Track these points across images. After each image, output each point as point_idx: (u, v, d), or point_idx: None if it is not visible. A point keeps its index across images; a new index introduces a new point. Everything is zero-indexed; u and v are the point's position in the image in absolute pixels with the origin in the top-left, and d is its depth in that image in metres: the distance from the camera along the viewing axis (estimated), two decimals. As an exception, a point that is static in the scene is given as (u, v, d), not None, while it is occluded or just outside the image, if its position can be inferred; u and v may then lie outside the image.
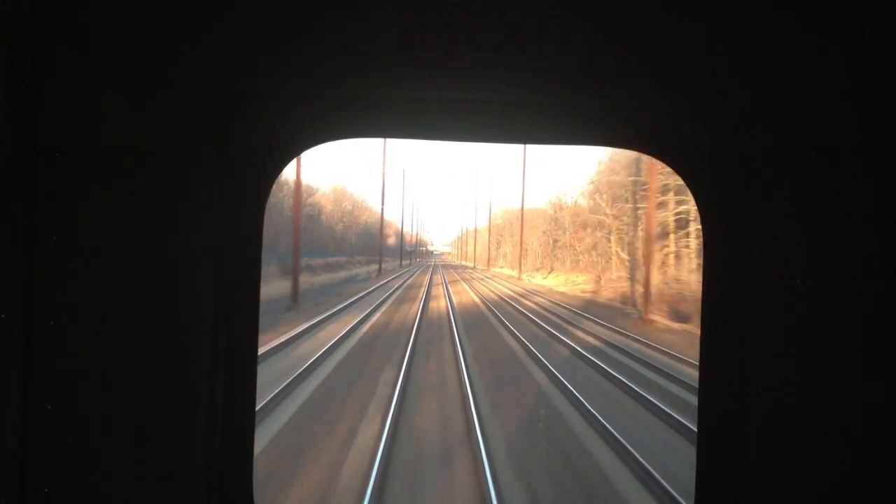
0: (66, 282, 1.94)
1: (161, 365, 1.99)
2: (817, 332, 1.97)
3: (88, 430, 1.96)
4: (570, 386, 14.81)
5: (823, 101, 1.98)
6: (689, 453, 10.18)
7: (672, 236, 43.53)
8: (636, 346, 21.85)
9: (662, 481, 8.97)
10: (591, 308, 35.94)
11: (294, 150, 2.25)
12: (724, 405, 2.12)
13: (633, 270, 43.75)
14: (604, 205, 56.52)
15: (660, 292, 34.79)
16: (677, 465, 9.87)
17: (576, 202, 70.84)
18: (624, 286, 44.11)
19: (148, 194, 1.98)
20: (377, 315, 28.76)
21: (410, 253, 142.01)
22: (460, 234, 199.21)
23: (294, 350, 18.70)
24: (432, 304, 35.52)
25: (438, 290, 47.19)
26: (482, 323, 28.00)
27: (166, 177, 1.99)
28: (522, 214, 75.57)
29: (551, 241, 76.44)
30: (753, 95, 2.03)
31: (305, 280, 38.89)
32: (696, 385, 2.29)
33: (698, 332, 2.22)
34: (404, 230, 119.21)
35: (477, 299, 40.54)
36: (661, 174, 34.30)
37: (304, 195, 67.79)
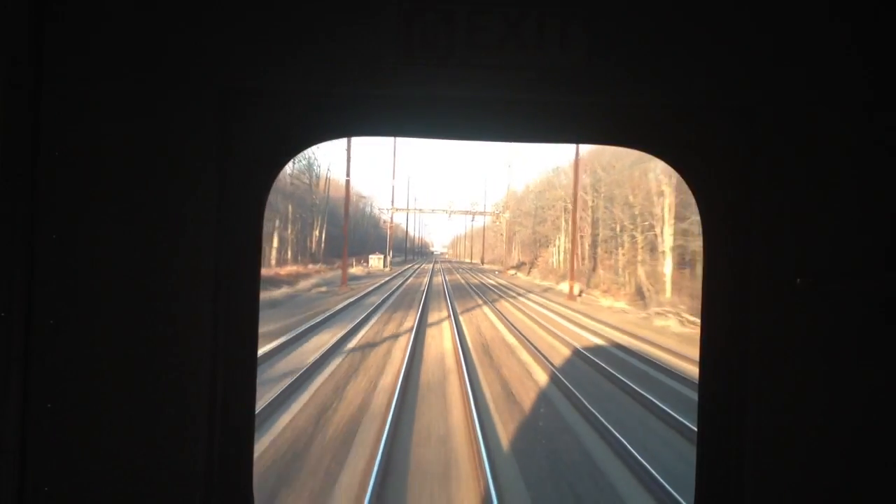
0: (66, 281, 1.95)
1: (161, 364, 1.99)
2: (817, 331, 2.02)
3: (88, 430, 1.97)
4: (455, 267, 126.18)
5: (823, 102, 2.01)
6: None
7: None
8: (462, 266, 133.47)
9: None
10: (466, 262, 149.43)
11: (294, 148, 2.25)
12: (724, 405, 2.14)
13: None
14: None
15: (501, 257, 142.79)
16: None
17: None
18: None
19: (148, 193, 1.98)
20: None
21: (418, 252, 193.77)
22: (454, 239, 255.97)
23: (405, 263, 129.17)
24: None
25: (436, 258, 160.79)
26: (444, 261, 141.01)
27: (166, 175, 1.99)
28: (511, 226, 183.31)
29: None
30: (754, 95, 2.03)
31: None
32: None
33: (485, 266, 66.72)
34: (412, 234, 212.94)
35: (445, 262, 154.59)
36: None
37: (384, 226, 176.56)
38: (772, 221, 2.04)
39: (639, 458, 10.32)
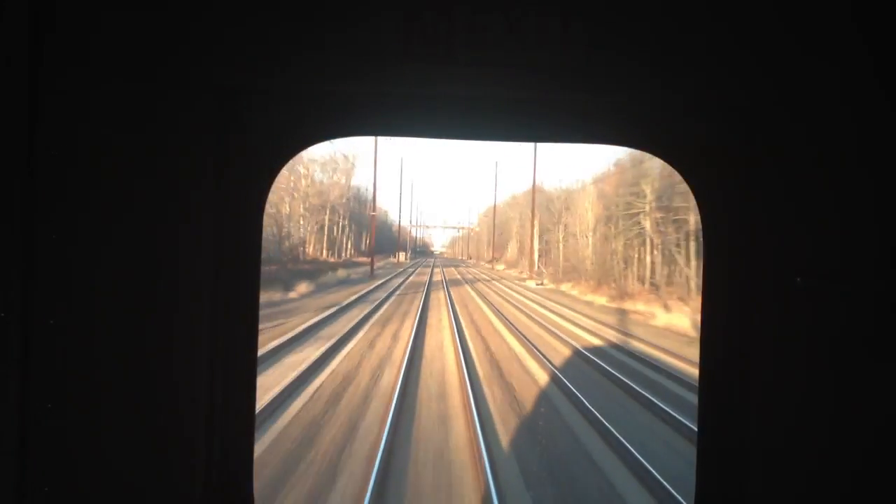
0: (66, 281, 1.94)
1: (161, 364, 1.99)
2: (817, 331, 1.99)
3: (88, 430, 1.95)
4: (449, 260, 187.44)
5: (824, 100, 1.99)
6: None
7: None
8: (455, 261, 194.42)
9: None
10: (459, 258, 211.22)
11: (294, 148, 2.25)
12: (724, 405, 2.13)
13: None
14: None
15: (480, 254, 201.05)
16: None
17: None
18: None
19: (148, 192, 1.97)
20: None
21: (420, 252, 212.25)
22: (452, 240, 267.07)
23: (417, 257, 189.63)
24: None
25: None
26: (442, 258, 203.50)
27: (166, 175, 1.98)
28: (504, 228, 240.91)
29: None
30: (754, 94, 2.02)
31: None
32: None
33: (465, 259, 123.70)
34: (413, 234, 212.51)
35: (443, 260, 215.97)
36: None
37: (396, 231, 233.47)
38: (772, 221, 2.03)
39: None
